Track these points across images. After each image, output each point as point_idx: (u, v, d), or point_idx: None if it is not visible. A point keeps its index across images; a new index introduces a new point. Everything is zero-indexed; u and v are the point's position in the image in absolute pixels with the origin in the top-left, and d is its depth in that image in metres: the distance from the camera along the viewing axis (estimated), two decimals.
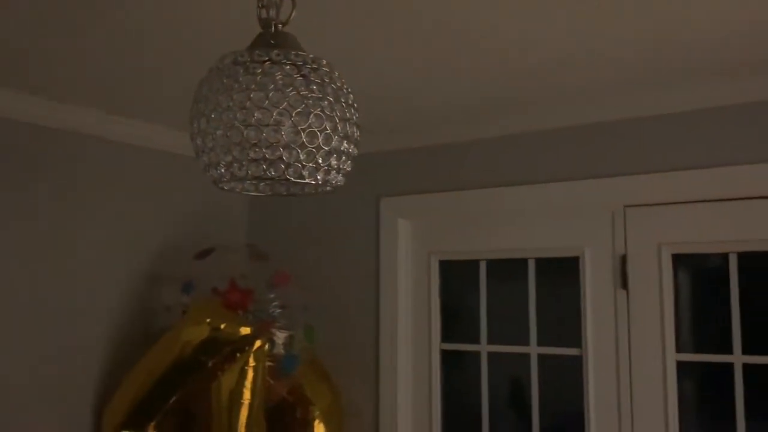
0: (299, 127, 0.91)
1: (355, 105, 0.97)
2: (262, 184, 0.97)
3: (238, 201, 3.13)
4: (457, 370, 2.68)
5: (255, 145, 0.90)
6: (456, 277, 2.71)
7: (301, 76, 0.90)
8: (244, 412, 2.46)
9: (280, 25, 0.98)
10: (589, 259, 2.40)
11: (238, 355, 2.49)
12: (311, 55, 0.95)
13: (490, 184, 2.59)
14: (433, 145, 2.73)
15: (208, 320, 2.49)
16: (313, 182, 0.92)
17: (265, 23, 0.97)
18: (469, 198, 2.61)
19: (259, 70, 0.89)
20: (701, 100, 2.22)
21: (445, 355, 2.68)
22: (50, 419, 2.41)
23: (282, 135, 0.88)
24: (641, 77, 2.10)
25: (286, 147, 0.90)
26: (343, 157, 0.96)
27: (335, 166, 0.94)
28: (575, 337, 2.41)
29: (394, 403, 2.70)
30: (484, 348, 2.61)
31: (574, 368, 2.40)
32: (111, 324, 2.63)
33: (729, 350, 2.16)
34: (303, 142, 0.91)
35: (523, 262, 2.55)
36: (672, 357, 2.23)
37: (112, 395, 2.50)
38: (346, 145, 0.95)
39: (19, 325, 2.33)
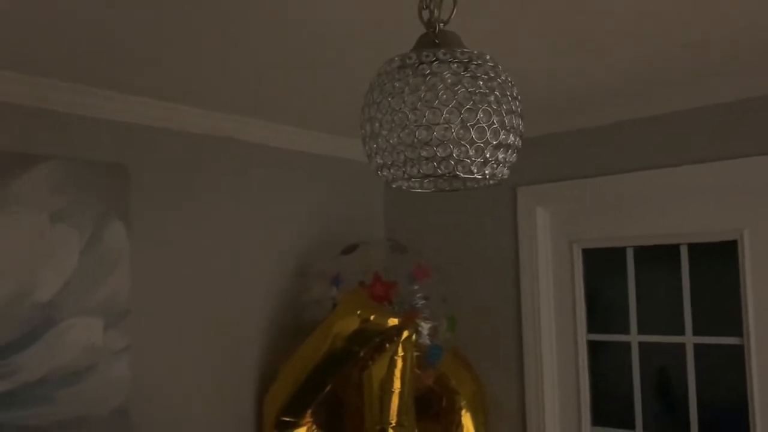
0: (468, 124, 0.93)
1: (519, 97, 0.98)
2: (427, 180, 1.01)
3: (377, 198, 3.22)
4: (605, 362, 2.62)
5: (427, 144, 0.93)
6: (601, 266, 2.65)
7: (468, 73, 0.93)
8: (395, 400, 2.53)
9: (441, 24, 1.01)
10: (750, 242, 2.27)
11: (387, 345, 2.57)
12: (476, 51, 0.98)
13: (634, 167, 2.50)
14: (569, 131, 2.67)
15: (358, 312, 2.58)
16: (481, 177, 0.94)
17: (428, 23, 1.00)
18: (613, 183, 2.54)
19: (428, 71, 0.92)
20: None
21: (592, 346, 2.62)
22: (215, 404, 2.59)
23: (452, 132, 0.91)
24: None
25: (456, 144, 0.93)
26: (510, 150, 0.97)
27: (502, 160, 0.95)
28: (735, 326, 2.29)
29: (540, 394, 2.68)
30: (634, 338, 2.54)
31: (735, 358, 2.28)
32: (267, 318, 2.79)
33: None
34: (472, 138, 0.93)
35: (675, 247, 2.45)
36: None
37: (270, 384, 2.65)
38: (512, 137, 0.96)
39: (189, 321, 2.52)
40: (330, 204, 3.05)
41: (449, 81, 0.91)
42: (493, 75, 0.95)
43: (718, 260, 2.35)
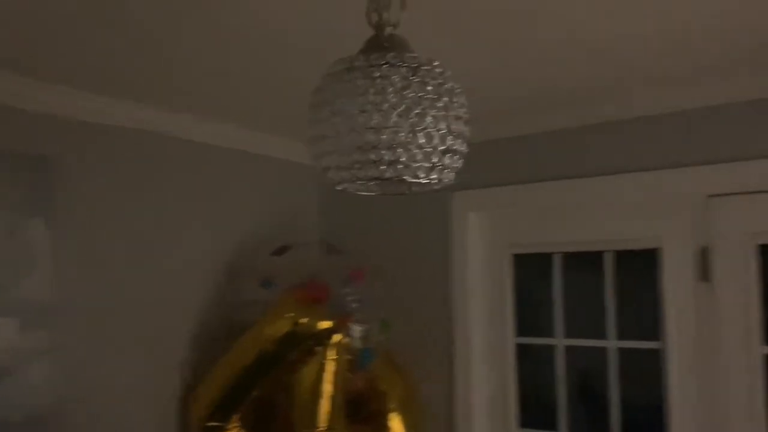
0: (417, 129, 0.94)
1: (466, 104, 1.00)
2: (373, 183, 1.00)
3: (311, 200, 3.21)
4: (533, 364, 2.68)
5: (375, 147, 0.93)
6: (530, 271, 2.71)
7: (417, 77, 0.93)
8: (325, 404, 2.51)
9: (390, 28, 1.01)
10: (669, 251, 2.37)
11: (318, 348, 2.55)
12: (424, 57, 0.98)
13: (564, 176, 2.57)
14: (504, 138, 2.73)
15: (290, 315, 2.55)
16: (427, 181, 0.95)
17: (377, 26, 1.00)
18: (543, 190, 2.61)
19: (378, 74, 0.92)
20: None
21: (521, 349, 2.69)
22: (138, 408, 2.51)
23: (402, 136, 0.91)
24: (721, 64, 2.07)
25: (405, 148, 0.93)
26: (456, 156, 0.98)
27: (449, 165, 0.96)
28: (654, 331, 2.39)
29: (468, 397, 2.72)
30: (560, 342, 2.61)
31: (654, 362, 2.37)
32: (196, 320, 2.72)
33: None
34: (420, 142, 0.94)
35: (599, 254, 2.53)
36: (757, 350, 2.19)
37: (197, 386, 2.59)
38: (459, 143, 0.98)
39: (114, 322, 2.43)
40: (263, 204, 3.01)
41: (399, 85, 0.92)
42: (441, 81, 0.96)
43: (641, 267, 2.44)
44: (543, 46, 1.91)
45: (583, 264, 2.59)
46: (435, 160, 0.94)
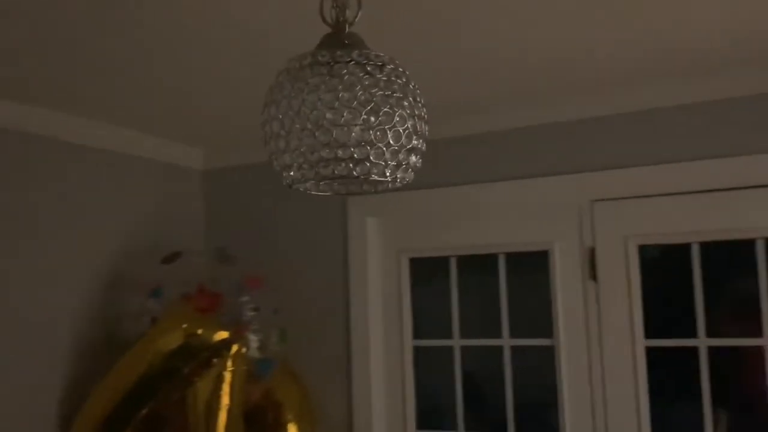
0: (369, 126, 0.92)
1: (423, 101, 0.99)
2: (335, 183, 0.98)
3: (201, 205, 3.09)
4: (430, 366, 2.73)
5: (327, 145, 0.91)
6: (427, 274, 2.76)
7: (384, 75, 0.92)
8: (222, 417, 2.42)
9: (347, 25, 0.99)
10: (559, 253, 2.50)
11: (214, 360, 2.45)
12: (379, 54, 0.97)
13: (458, 182, 2.65)
14: None
15: (183, 326, 2.43)
16: (392, 180, 0.94)
17: (336, 24, 0.98)
18: (438, 196, 2.67)
19: (345, 71, 0.90)
20: (661, 99, 2.36)
21: (418, 352, 2.72)
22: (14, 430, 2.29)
23: (369, 134, 0.89)
24: (603, 77, 2.22)
25: (357, 146, 0.92)
26: (413, 154, 0.98)
27: (413, 164, 0.96)
28: (547, 329, 2.51)
29: (367, 403, 2.72)
30: (456, 343, 2.67)
31: (547, 358, 2.49)
32: (75, 332, 2.53)
33: (694, 334, 2.31)
34: (373, 140, 0.93)
35: (494, 257, 2.63)
36: (641, 343, 2.36)
37: (79, 407, 2.40)
38: (415, 141, 0.97)
39: None
40: (147, 210, 2.85)
41: (367, 83, 0.90)
42: (405, 80, 0.95)
43: (533, 268, 2.56)
44: (434, 57, 1.96)
45: (478, 266, 2.67)
46: (401, 158, 0.93)
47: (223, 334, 2.48)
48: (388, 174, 0.92)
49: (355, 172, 0.89)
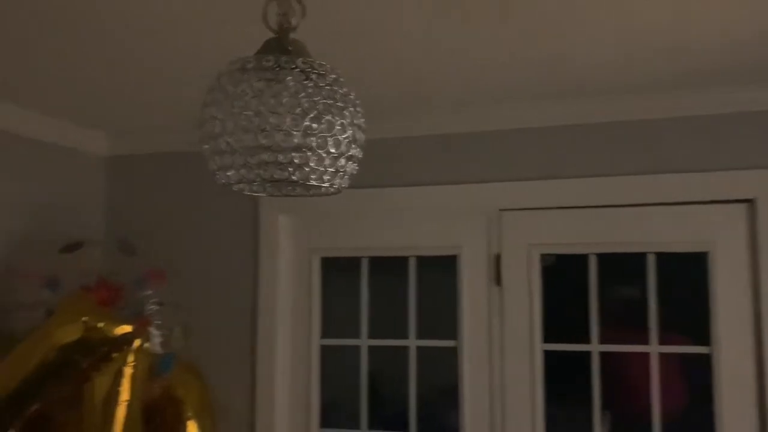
0: (311, 132, 0.94)
1: (360, 109, 1.02)
2: (268, 185, 0.98)
3: (103, 194, 2.97)
4: (338, 366, 2.75)
5: (268, 149, 0.92)
6: (338, 274, 2.78)
7: (326, 84, 0.93)
8: (121, 413, 2.34)
9: (290, 32, 1.00)
10: (467, 258, 2.58)
11: (114, 354, 2.37)
12: (320, 61, 0.98)
13: (372, 185, 2.68)
14: None
15: (84, 319, 2.33)
16: (320, 184, 0.95)
17: (279, 29, 0.98)
18: (352, 197, 2.65)
19: (289, 77, 0.90)
20: (566, 117, 2.49)
21: (326, 351, 2.74)
22: None
23: (294, 139, 0.90)
24: (517, 92, 2.33)
25: (297, 151, 0.93)
26: (350, 161, 1.00)
27: (350, 171, 0.98)
28: (452, 330, 2.58)
29: (271, 401, 2.71)
30: (364, 342, 2.71)
31: (451, 359, 2.57)
32: None
33: (587, 340, 2.45)
34: (314, 146, 0.94)
35: (404, 259, 2.68)
36: (539, 347, 2.48)
37: None
38: (354, 149, 0.99)
39: None
40: (47, 197, 2.71)
41: (311, 90, 0.91)
42: (346, 90, 0.97)
43: (441, 272, 2.63)
44: (351, 60, 1.98)
45: (389, 268, 2.72)
46: (340, 165, 0.95)
47: (125, 328, 2.39)
48: (326, 180, 0.94)
49: (294, 177, 0.90)
